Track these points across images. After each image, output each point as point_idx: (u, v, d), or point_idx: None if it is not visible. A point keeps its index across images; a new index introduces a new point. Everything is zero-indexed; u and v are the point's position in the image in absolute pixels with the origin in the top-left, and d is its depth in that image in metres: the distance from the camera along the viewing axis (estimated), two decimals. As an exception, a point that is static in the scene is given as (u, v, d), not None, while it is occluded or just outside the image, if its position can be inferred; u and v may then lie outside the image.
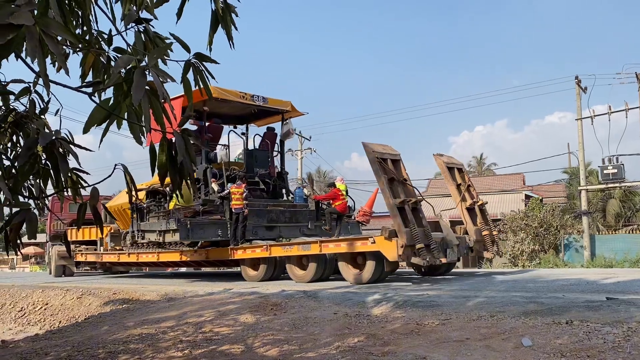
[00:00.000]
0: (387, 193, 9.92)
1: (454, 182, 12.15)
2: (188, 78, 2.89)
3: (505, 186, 35.73)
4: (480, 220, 11.88)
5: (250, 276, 12.54)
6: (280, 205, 14.51)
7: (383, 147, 10.86)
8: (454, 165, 12.48)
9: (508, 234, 24.15)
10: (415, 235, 9.54)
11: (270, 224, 13.50)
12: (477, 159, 56.57)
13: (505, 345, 4.73)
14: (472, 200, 12.02)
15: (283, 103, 14.77)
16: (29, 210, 2.61)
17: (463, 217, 11.99)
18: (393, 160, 10.59)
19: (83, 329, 8.19)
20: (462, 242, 11.25)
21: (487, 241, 11.64)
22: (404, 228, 9.54)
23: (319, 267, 11.21)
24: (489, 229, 11.80)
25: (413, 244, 9.48)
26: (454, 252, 10.78)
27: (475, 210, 11.99)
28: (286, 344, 5.48)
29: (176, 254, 13.81)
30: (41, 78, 2.10)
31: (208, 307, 8.11)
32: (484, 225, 11.80)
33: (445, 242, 10.58)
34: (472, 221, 11.80)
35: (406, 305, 7.02)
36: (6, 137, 3.24)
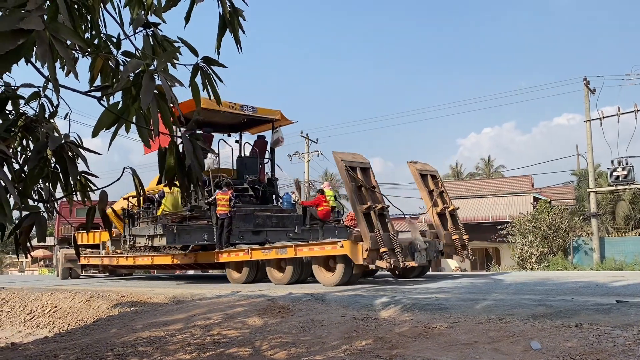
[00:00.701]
0: (354, 199, 10.59)
1: (426, 188, 12.65)
2: (196, 82, 2.90)
3: (514, 188, 35.56)
4: (451, 225, 12.31)
5: (234, 279, 13.07)
6: (267, 210, 15.06)
7: (353, 155, 11.48)
8: (427, 172, 12.94)
9: (516, 237, 24.02)
10: (380, 240, 10.08)
11: (257, 228, 14.05)
12: (485, 161, 56.41)
13: (514, 348, 4.70)
14: (444, 206, 12.45)
15: (272, 112, 15.34)
16: (38, 213, 2.63)
17: (434, 221, 12.38)
18: (362, 168, 11.16)
19: (92, 331, 8.22)
20: (432, 245, 11.63)
21: (457, 245, 12.06)
22: (369, 233, 10.09)
23: (296, 270, 11.70)
24: (459, 234, 12.24)
25: (377, 248, 10.03)
26: (422, 255, 11.12)
27: (446, 215, 12.39)
28: (294, 347, 5.48)
29: (168, 257, 14.31)
30: (51, 82, 2.11)
31: (216, 310, 8.13)
32: (454, 230, 12.23)
33: (413, 246, 11.03)
34: (442, 226, 12.21)
35: (414, 308, 7.00)
36: (16, 141, 3.27)
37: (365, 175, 11.07)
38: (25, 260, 44.07)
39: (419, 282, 11.41)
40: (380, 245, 10.05)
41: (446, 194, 12.92)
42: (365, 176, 11.07)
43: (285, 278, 11.81)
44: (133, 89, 2.53)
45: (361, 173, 10.98)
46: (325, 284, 10.98)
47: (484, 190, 36.95)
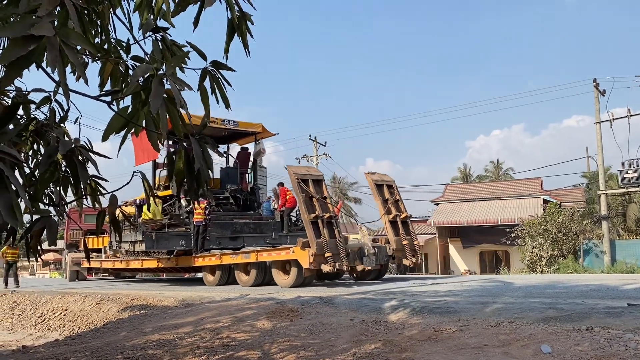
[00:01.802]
0: (303, 209, 11.53)
1: (380, 197, 13.43)
2: (205, 86, 2.91)
3: (523, 191, 35.36)
4: (402, 232, 13.00)
5: (209, 281, 14.32)
6: (245, 217, 16.01)
7: (307, 169, 12.86)
8: (383, 182, 13.78)
9: (526, 239, 23.89)
10: (325, 246, 10.98)
11: (234, 234, 15.11)
12: (494, 164, 56.15)
13: (524, 352, 4.67)
14: (395, 213, 13.19)
15: (254, 125, 16.42)
16: (49, 217, 2.65)
17: (386, 228, 13.25)
18: (315, 180, 12.11)
19: (102, 334, 8.26)
20: (381, 251, 12.51)
21: (407, 250, 12.71)
22: (315, 239, 11.00)
23: (259, 273, 12.71)
24: (410, 239, 12.91)
25: (322, 253, 10.90)
26: (371, 259, 11.96)
27: (398, 222, 13.11)
28: (303, 350, 5.47)
29: (154, 261, 15.75)
30: (61, 87, 2.13)
31: (225, 313, 8.14)
32: (405, 236, 12.90)
33: (362, 251, 11.94)
34: (394, 232, 12.95)
35: (423, 311, 6.97)
36: (27, 145, 3.30)
37: (317, 186, 12.01)
38: (36, 264, 44.39)
39: (428, 285, 11.39)
40: (325, 251, 10.93)
41: (401, 202, 13.68)
42: (318, 187, 12.01)
43: (250, 281, 12.81)
44: (142, 93, 2.54)
45: (313, 185, 11.91)
46: (282, 286, 11.91)
47: (493, 192, 36.77)
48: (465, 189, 40.42)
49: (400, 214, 13.28)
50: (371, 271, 12.86)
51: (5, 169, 1.81)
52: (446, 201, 37.40)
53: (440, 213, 35.62)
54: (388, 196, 13.45)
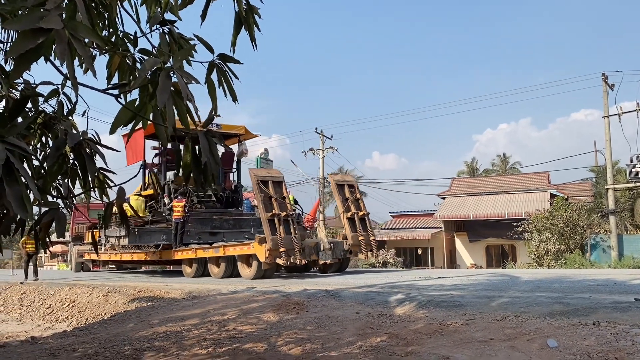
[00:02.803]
0: (261, 208, 12.59)
1: (340, 196, 14.63)
2: (212, 79, 2.92)
3: (530, 185, 35.24)
4: (359, 228, 14.19)
5: (187, 273, 15.53)
6: (225, 214, 17.01)
7: (268, 171, 13.80)
8: (345, 183, 15.02)
9: (533, 234, 23.82)
10: (280, 241, 12.08)
11: (214, 230, 16.14)
12: (501, 158, 55.92)
13: (530, 346, 4.67)
14: (353, 211, 14.32)
15: (236, 128, 17.45)
16: (57, 209, 2.67)
17: (344, 225, 14.36)
18: (275, 181, 13.11)
19: (109, 326, 8.32)
20: (338, 246, 13.68)
21: (362, 245, 13.95)
22: (271, 236, 12.09)
23: (228, 266, 13.91)
24: (366, 235, 14.13)
25: (277, 248, 12.02)
26: (327, 254, 13.24)
27: (356, 219, 14.25)
28: (309, 343, 5.50)
29: (142, 254, 17.04)
30: (70, 80, 2.14)
31: (231, 306, 8.18)
32: (362, 232, 14.13)
33: (317, 246, 13.15)
34: (351, 228, 14.14)
35: (429, 305, 6.98)
36: (35, 138, 3.31)
37: (277, 187, 13.06)
38: (44, 255, 44.70)
39: (434, 279, 11.39)
40: (280, 246, 12.04)
41: (362, 201, 14.87)
42: (278, 188, 13.06)
43: (220, 273, 14.05)
44: (150, 86, 2.55)
45: (273, 186, 12.94)
46: (245, 278, 13.14)
47: (500, 186, 36.67)
48: (471, 183, 40.33)
49: (359, 211, 14.40)
50: (332, 264, 14.18)
51: (15, 161, 1.83)
52: (453, 195, 37.33)
53: (447, 207, 35.56)
54: (348, 195, 14.61)
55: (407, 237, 36.82)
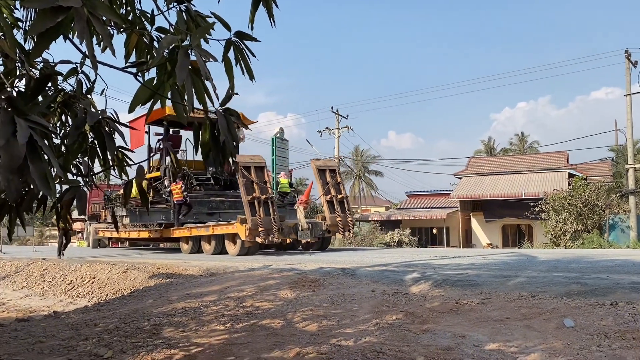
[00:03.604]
0: (243, 191, 13.87)
1: (321, 180, 15.77)
2: (229, 57, 2.90)
3: (548, 164, 34.84)
4: (338, 210, 15.45)
5: (184, 249, 16.87)
6: (222, 196, 17.97)
7: (251, 157, 14.55)
8: (326, 167, 16.16)
9: (550, 214, 23.62)
10: (259, 222, 13.44)
11: (211, 210, 17.26)
12: (519, 137, 55.32)
13: (547, 325, 4.67)
14: (333, 194, 15.56)
15: None
16: (78, 187, 2.70)
17: (323, 207, 15.63)
18: (257, 167, 14.30)
19: (129, 302, 8.48)
20: (316, 226, 14.98)
21: (339, 225, 15.27)
22: (251, 217, 13.47)
23: (218, 243, 15.18)
24: (344, 217, 15.40)
25: (256, 228, 13.40)
26: (306, 233, 14.55)
27: (334, 202, 15.54)
28: (325, 320, 5.55)
29: (146, 232, 18.35)
30: (89, 59, 2.15)
31: (249, 283, 8.27)
32: (340, 213, 15.38)
33: (297, 226, 14.49)
34: (329, 210, 15.40)
35: (445, 284, 6.99)
36: (55, 116, 3.35)
37: (259, 172, 14.28)
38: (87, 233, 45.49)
39: (450, 258, 11.39)
40: (259, 226, 13.42)
41: (342, 185, 16.22)
42: (260, 173, 14.28)
43: (211, 250, 15.32)
44: (168, 64, 2.55)
45: (255, 171, 14.12)
46: (231, 254, 14.39)
47: (518, 166, 36.31)
48: (489, 162, 39.99)
49: (338, 194, 15.68)
50: (314, 243, 15.59)
51: (38, 139, 1.85)
52: (469, 174, 37.08)
53: (463, 186, 35.36)
54: (329, 179, 15.79)
55: (422, 216, 36.76)
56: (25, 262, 15.72)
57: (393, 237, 30.21)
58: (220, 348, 4.79)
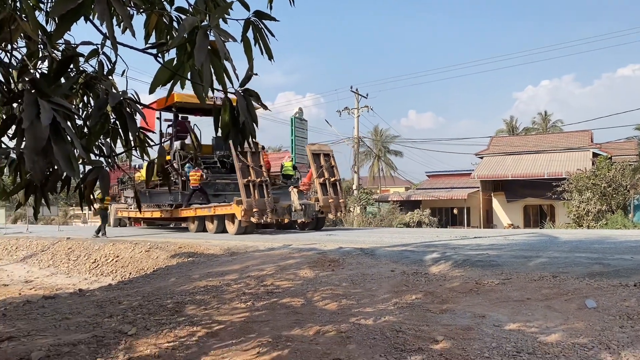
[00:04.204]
0: (239, 175, 15.02)
1: (315, 164, 16.76)
2: (248, 37, 2.89)
3: (572, 144, 34.26)
4: (330, 192, 16.38)
5: (191, 228, 18.19)
6: (228, 179, 18.66)
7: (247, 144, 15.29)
8: (321, 152, 17.10)
9: (573, 194, 23.30)
10: (254, 203, 14.58)
11: (217, 192, 18.16)
12: (542, 116, 54.42)
13: (568, 306, 4.64)
14: (326, 177, 16.48)
15: None
16: (101, 168, 2.73)
17: (317, 189, 16.56)
18: (253, 152, 15.33)
19: (152, 280, 8.64)
20: (309, 207, 16.09)
21: (331, 207, 16.26)
22: (246, 198, 14.60)
23: (219, 223, 16.21)
24: (336, 198, 16.36)
25: (251, 209, 14.55)
26: (299, 214, 15.75)
27: (327, 184, 16.43)
28: (344, 299, 5.60)
29: (159, 212, 19.69)
30: (109, 40, 2.16)
31: (269, 262, 8.36)
32: (332, 195, 16.33)
33: (290, 207, 15.64)
34: (322, 192, 16.35)
35: (465, 264, 6.98)
36: (78, 97, 3.38)
37: (255, 157, 15.34)
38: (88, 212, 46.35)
39: (470, 238, 11.34)
40: (254, 207, 14.56)
41: (336, 168, 16.99)
42: (255, 158, 15.36)
43: (214, 228, 16.40)
44: (188, 45, 2.55)
45: (251, 156, 15.23)
46: (231, 233, 15.43)
47: (540, 145, 35.77)
48: (511, 142, 39.47)
49: (331, 177, 16.58)
50: (309, 223, 16.77)
51: (61, 120, 1.87)
52: (491, 154, 36.67)
53: (485, 166, 35.01)
54: (323, 163, 16.75)
55: (443, 197, 36.57)
56: (50, 241, 16.08)
57: (413, 218, 30.15)
58: (242, 325, 4.86)
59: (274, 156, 33.72)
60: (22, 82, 2.68)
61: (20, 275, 13.11)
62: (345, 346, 3.93)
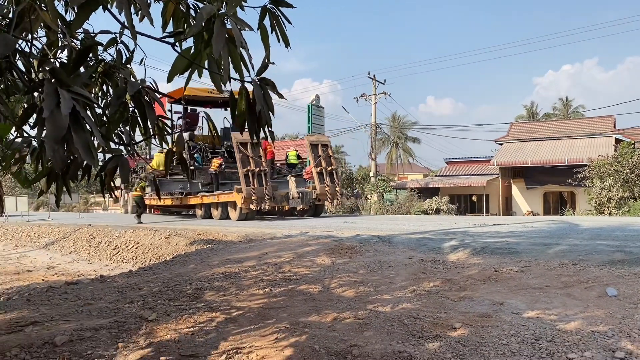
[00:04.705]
0: (239, 165, 15.95)
1: (313, 154, 17.67)
2: (264, 24, 2.88)
3: (594, 130, 33.66)
4: (327, 181, 17.32)
5: (199, 215, 19.14)
6: (234, 168, 18.79)
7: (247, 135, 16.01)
8: (318, 142, 18.01)
9: (594, 180, 22.95)
10: (253, 192, 15.59)
11: (223, 181, 18.85)
12: (563, 101, 53.55)
13: (588, 294, 4.59)
14: (323, 167, 17.37)
15: None
16: (121, 156, 2.76)
17: (314, 178, 17.40)
18: (253, 144, 15.61)
19: (171, 266, 8.75)
20: (306, 195, 17.03)
21: (327, 195, 17.30)
22: (245, 187, 15.64)
23: (223, 210, 17.34)
24: (332, 187, 17.30)
25: (250, 197, 15.57)
26: (296, 201, 16.64)
27: (324, 173, 17.36)
28: (362, 286, 5.61)
29: (169, 199, 20.49)
30: (128, 28, 2.17)
31: (286, 249, 8.40)
32: (328, 184, 17.28)
33: (288, 195, 16.58)
34: (319, 181, 17.29)
35: (484, 252, 6.94)
36: (97, 86, 3.41)
37: (254, 148, 16.04)
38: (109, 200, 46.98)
39: (489, 225, 11.26)
40: (252, 195, 15.57)
41: (333, 158, 17.95)
42: (255, 149, 16.07)
43: (218, 215, 17.48)
44: (205, 34, 2.55)
45: (251, 147, 15.98)
46: (233, 219, 16.47)
47: (561, 131, 35.23)
48: (531, 128, 38.93)
49: (328, 167, 17.46)
50: (308, 210, 17.70)
51: (81, 110, 1.89)
52: (510, 140, 36.23)
53: (504, 153, 34.62)
54: (320, 153, 17.59)
55: (461, 183, 36.28)
56: (72, 228, 16.36)
57: (431, 205, 29.98)
58: (260, 311, 4.91)
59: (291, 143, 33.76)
60: (42, 71, 2.72)
61: (43, 262, 13.38)
62: (362, 333, 3.95)
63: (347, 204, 33.38)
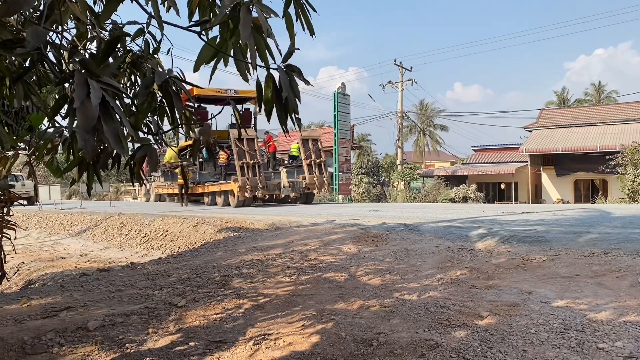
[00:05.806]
0: (236, 157, 17.92)
1: (304, 147, 19.48)
2: (289, 12, 2.87)
3: (627, 115, 32.76)
4: (316, 171, 19.20)
5: (205, 202, 21.24)
6: None
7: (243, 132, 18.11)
8: (309, 137, 19.95)
9: (627, 167, 22.41)
10: (247, 181, 17.72)
11: (230, 172, 19.88)
12: (595, 86, 52.24)
13: (620, 283, 4.51)
14: (312, 159, 19.25)
15: (250, 92, 20.52)
16: (149, 145, 2.80)
17: (304, 169, 19.27)
18: (249, 139, 18.21)
19: (200, 254, 8.88)
20: (296, 184, 19.31)
21: (315, 184, 19.27)
22: (241, 177, 17.72)
23: (225, 198, 19.44)
24: (320, 177, 19.23)
25: (245, 186, 17.76)
26: (288, 190, 19.16)
27: (313, 165, 19.25)
28: (388, 274, 5.61)
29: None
30: (155, 19, 2.19)
31: (312, 237, 8.44)
32: (317, 174, 19.20)
33: (279, 185, 19.15)
34: (308, 171, 19.19)
35: (512, 240, 6.85)
36: (125, 77, 3.46)
37: (250, 142, 18.17)
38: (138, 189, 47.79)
39: (518, 214, 11.11)
40: (247, 184, 17.74)
41: (322, 151, 19.70)
42: (251, 143, 18.21)
43: (221, 202, 19.56)
44: (230, 22, 2.56)
45: (247, 142, 18.01)
46: (232, 206, 18.55)
47: (593, 118, 34.39)
48: (561, 114, 38.10)
49: (317, 159, 19.32)
50: (299, 198, 20.06)
51: (110, 100, 1.93)
52: (540, 127, 35.54)
53: (534, 140, 33.99)
54: (311, 147, 19.47)
55: (489, 171, 35.81)
56: (103, 217, 16.70)
57: (458, 193, 29.69)
58: (286, 299, 4.95)
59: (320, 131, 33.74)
60: (72, 62, 2.76)
61: (75, 249, 13.72)
62: (388, 321, 3.95)
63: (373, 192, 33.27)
